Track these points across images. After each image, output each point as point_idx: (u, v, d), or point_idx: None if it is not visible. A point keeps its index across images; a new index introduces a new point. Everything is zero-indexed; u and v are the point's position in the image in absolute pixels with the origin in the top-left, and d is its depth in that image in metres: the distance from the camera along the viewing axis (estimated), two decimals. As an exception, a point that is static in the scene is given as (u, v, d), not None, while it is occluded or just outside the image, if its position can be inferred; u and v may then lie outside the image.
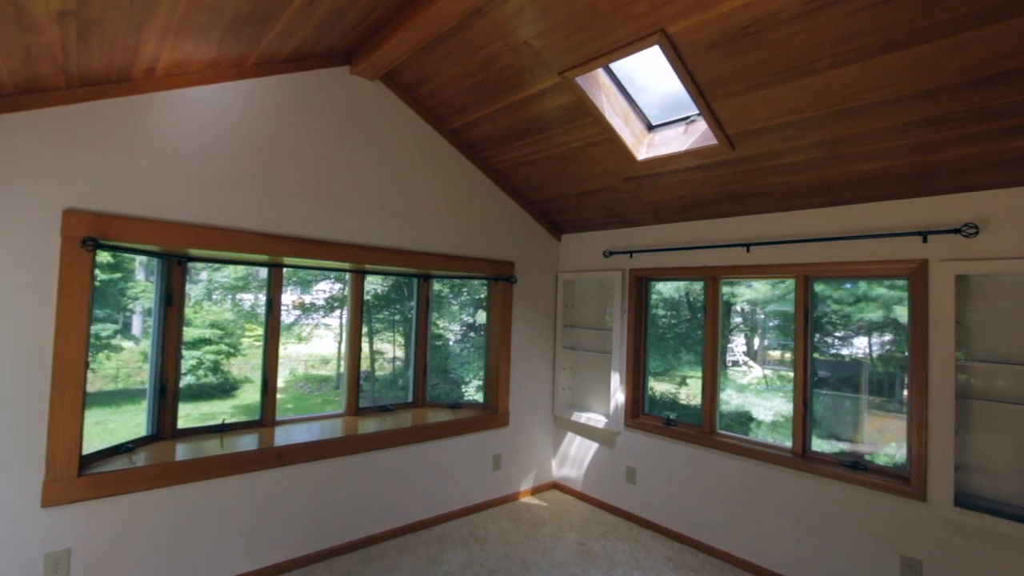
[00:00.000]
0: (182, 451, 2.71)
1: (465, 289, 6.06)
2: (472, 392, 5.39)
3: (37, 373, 2.20)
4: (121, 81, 2.32)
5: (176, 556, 2.54)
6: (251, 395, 8.39)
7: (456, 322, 6.68)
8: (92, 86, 2.26)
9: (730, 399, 3.55)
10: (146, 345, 2.70)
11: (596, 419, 3.98)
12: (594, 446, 4.08)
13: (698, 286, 3.69)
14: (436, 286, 4.11)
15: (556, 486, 4.37)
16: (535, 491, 4.23)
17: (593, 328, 4.21)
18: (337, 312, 10.01)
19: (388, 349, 8.31)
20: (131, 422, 2.69)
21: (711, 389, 3.43)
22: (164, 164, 2.49)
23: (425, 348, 3.95)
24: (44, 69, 1.97)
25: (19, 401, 2.16)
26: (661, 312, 4.02)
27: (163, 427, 2.83)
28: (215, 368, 8.47)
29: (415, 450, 3.45)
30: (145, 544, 2.45)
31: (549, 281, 4.37)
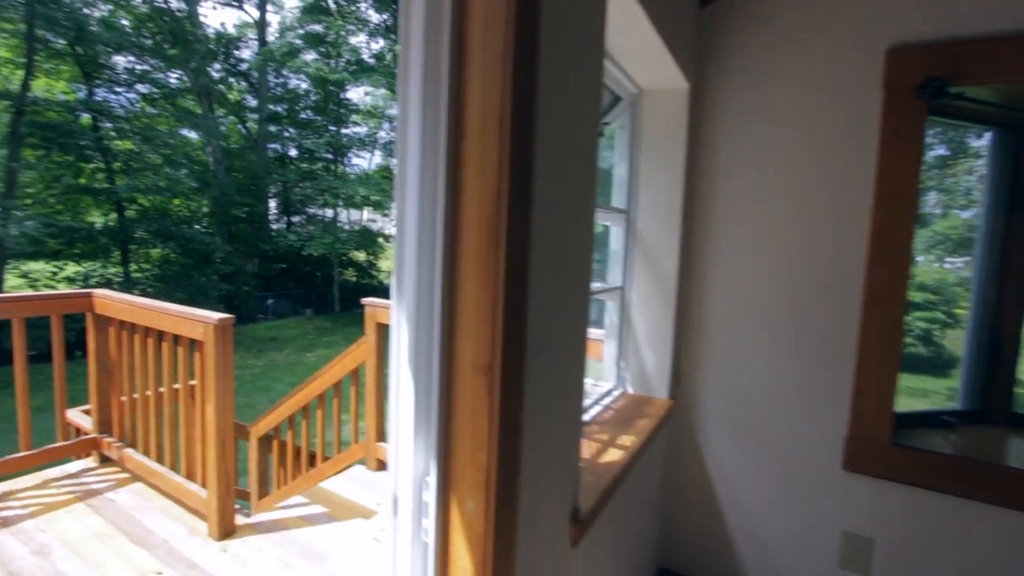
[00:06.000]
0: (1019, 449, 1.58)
1: None
2: None
3: (846, 282, 1.61)
4: None
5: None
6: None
7: None
8: None
9: None
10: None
11: None
12: None
13: None
14: None
15: None
16: None
17: None
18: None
19: None
20: (940, 385, 1.85)
21: None
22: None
23: None
24: None
25: (826, 311, 1.65)
26: None
27: (991, 402, 1.78)
28: (926, 338, 6.88)
29: None
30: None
31: None
